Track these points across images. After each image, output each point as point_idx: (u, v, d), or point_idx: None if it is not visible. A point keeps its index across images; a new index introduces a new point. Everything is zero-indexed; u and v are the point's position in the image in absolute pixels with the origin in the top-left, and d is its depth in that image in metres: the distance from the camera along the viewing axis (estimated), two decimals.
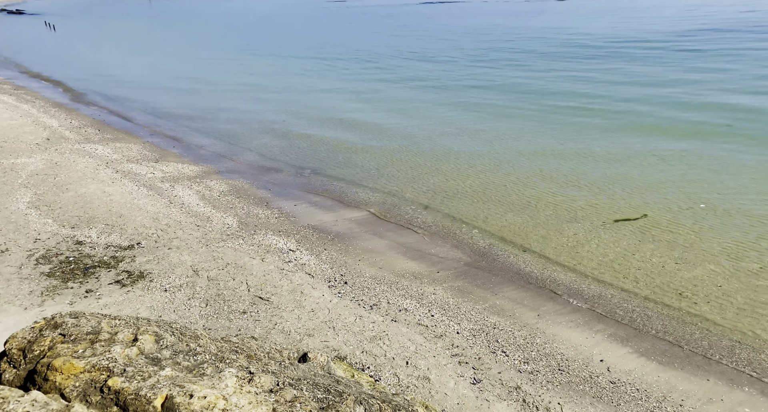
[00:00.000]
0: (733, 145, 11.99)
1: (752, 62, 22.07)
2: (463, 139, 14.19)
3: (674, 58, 24.31)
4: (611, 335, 5.86)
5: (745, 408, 4.58)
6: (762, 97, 16.05)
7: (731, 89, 17.32)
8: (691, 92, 17.43)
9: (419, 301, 6.58)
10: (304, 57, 33.18)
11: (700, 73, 20.52)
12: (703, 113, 14.82)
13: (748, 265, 7.04)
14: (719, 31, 33.59)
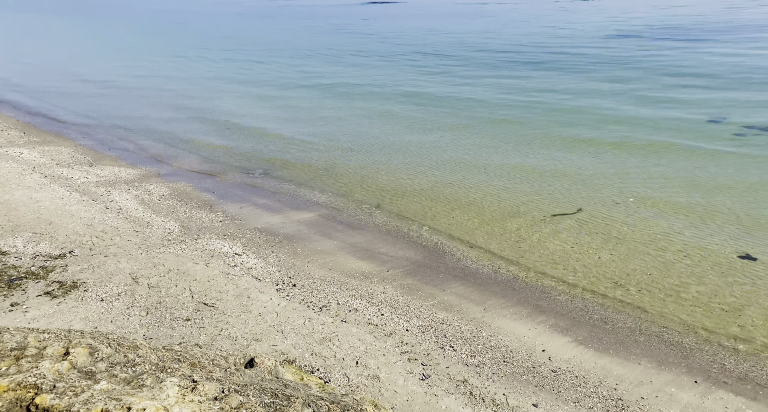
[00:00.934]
0: (662, 138, 12.81)
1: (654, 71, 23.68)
2: (411, 139, 14.36)
3: (598, 61, 25.67)
4: (552, 325, 6.12)
5: (672, 388, 4.91)
6: (663, 106, 17.23)
7: (645, 96, 18.47)
8: (622, 92, 18.46)
9: (369, 300, 6.60)
10: (243, 58, 32.46)
11: (624, 73, 21.78)
12: (630, 114, 15.74)
13: (674, 254, 7.56)
14: (633, 38, 35.79)
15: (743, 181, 9.84)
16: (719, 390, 4.87)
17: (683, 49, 26.87)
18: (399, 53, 32.66)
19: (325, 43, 39.22)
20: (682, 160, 11.32)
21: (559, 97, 18.53)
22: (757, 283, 6.63)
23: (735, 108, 14.77)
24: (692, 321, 6.04)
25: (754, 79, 18.09)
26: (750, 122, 13.33)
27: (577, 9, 59.44)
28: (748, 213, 8.57)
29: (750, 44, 26.73)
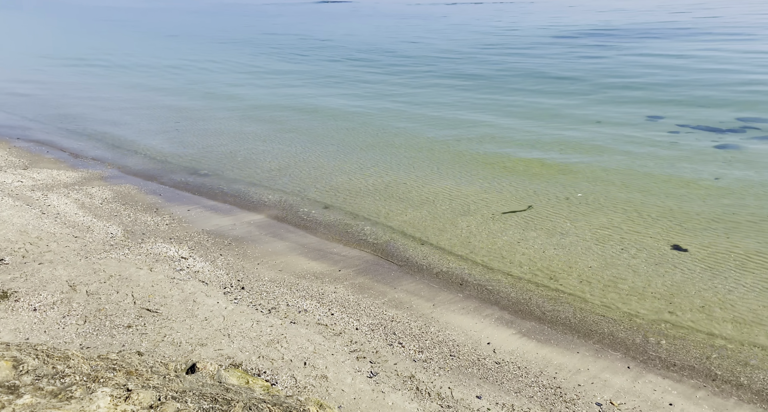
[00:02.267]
0: (606, 136, 13.37)
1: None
2: (366, 140, 14.39)
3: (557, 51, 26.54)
4: (498, 318, 6.30)
5: (606, 374, 5.16)
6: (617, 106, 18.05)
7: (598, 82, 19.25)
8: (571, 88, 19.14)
9: (320, 301, 6.59)
10: (197, 55, 31.64)
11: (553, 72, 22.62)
12: (574, 111, 16.35)
13: (612, 246, 7.93)
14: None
15: (676, 177, 10.42)
16: (649, 374, 5.15)
17: (624, 50, 28.12)
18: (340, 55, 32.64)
19: (274, 40, 38.73)
20: (621, 156, 11.87)
21: (504, 97, 19.03)
22: (686, 272, 7.05)
23: (670, 108, 15.62)
24: (628, 309, 6.36)
25: (686, 82, 19.17)
26: (683, 121, 14.13)
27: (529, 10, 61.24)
28: (680, 206, 9.09)
29: (685, 45, 28.29)
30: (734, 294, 6.46)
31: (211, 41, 39.11)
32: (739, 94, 16.37)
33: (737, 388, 4.93)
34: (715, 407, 4.67)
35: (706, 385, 4.96)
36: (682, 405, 4.68)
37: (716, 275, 6.91)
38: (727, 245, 7.68)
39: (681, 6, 48.78)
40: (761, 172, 10.27)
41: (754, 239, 7.77)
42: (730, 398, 4.78)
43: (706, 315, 6.10)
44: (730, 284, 6.67)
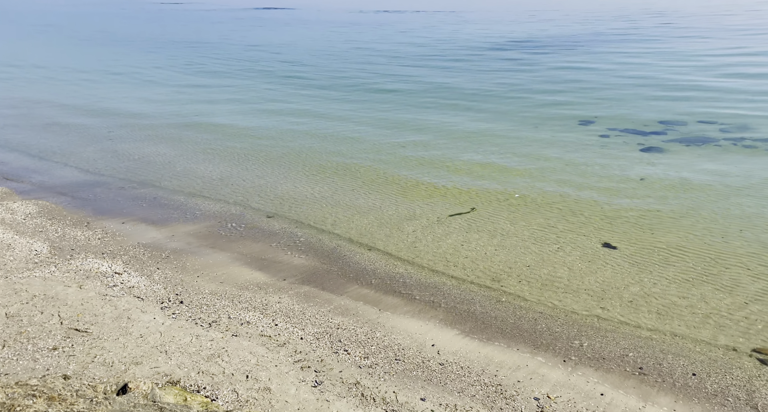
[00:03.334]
0: (541, 141, 13.96)
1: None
2: (313, 147, 14.30)
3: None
4: (442, 320, 6.42)
5: (544, 369, 5.38)
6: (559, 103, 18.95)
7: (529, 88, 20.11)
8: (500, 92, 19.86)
9: (263, 312, 6.46)
10: (129, 63, 30.40)
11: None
12: (514, 114, 16.99)
13: (549, 245, 8.27)
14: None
15: (606, 177, 11.04)
16: (583, 367, 5.41)
17: (560, 56, 29.57)
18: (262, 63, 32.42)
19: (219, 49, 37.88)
20: (557, 158, 12.44)
21: (448, 102, 19.51)
22: (615, 268, 7.47)
23: (600, 113, 16.56)
24: (563, 306, 6.65)
25: (616, 87, 20.40)
26: (612, 125, 15.01)
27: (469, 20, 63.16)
28: (609, 205, 9.63)
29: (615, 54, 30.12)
30: (658, 287, 6.91)
31: (129, 47, 37.63)
32: (661, 99, 17.60)
33: (660, 376, 5.27)
34: (642, 394, 4.96)
35: (634, 374, 5.27)
36: (612, 395, 4.95)
37: (642, 269, 7.37)
38: (652, 240, 8.20)
39: (632, 13, 51.99)
40: (680, 172, 11.06)
41: (675, 234, 8.35)
42: (654, 386, 5.10)
43: (633, 309, 6.49)
44: (655, 278, 7.13)
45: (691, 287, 6.84)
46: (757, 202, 9.39)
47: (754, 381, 5.11)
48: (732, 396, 4.93)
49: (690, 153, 12.27)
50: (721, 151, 12.31)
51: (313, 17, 68.98)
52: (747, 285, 6.79)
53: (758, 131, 13.55)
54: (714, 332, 5.92)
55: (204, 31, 52.15)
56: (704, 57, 25.61)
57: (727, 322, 6.08)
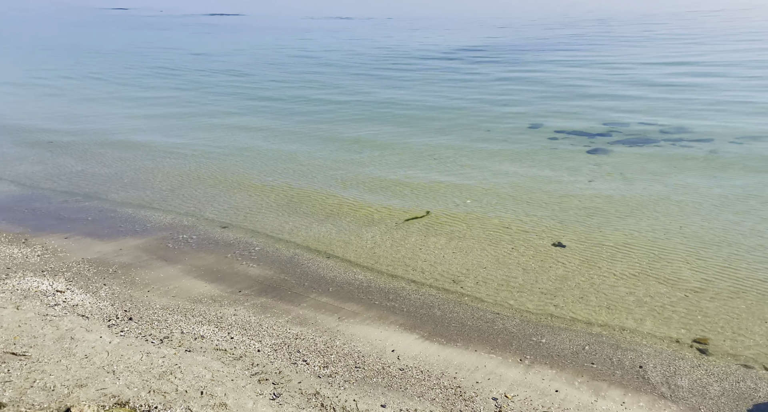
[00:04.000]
0: (493, 144, 14.30)
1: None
2: (266, 155, 14.08)
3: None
4: (402, 325, 6.43)
5: (501, 369, 5.48)
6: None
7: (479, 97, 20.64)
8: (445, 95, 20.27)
9: (218, 325, 6.27)
10: (71, 70, 29.09)
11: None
12: (466, 119, 17.36)
13: (504, 246, 8.47)
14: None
15: (556, 179, 11.43)
16: (538, 365, 5.55)
17: (503, 65, 30.49)
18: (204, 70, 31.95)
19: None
20: (509, 161, 12.78)
21: (399, 111, 19.71)
22: (567, 266, 7.72)
23: (549, 116, 17.16)
24: (518, 306, 6.81)
25: (562, 92, 21.21)
26: (560, 128, 15.59)
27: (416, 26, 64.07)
28: (560, 206, 9.96)
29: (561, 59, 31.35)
30: (606, 283, 7.20)
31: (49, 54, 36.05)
32: (605, 103, 18.44)
33: (611, 370, 5.47)
34: (593, 389, 5.14)
35: (586, 370, 5.45)
36: (565, 391, 5.09)
37: (591, 266, 7.66)
38: (600, 238, 8.54)
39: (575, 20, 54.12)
40: (624, 172, 11.60)
41: (621, 232, 8.73)
42: (605, 380, 5.29)
43: (584, 305, 6.72)
44: (603, 274, 7.42)
45: (637, 282, 7.17)
46: (694, 199, 9.96)
47: (695, 370, 5.40)
48: (675, 386, 5.18)
49: (633, 154, 12.90)
50: (660, 151, 13.00)
51: (263, 24, 68.15)
52: (687, 278, 7.18)
53: (693, 132, 14.41)
54: (658, 324, 6.21)
55: (142, 38, 50.54)
56: (641, 63, 27.04)
57: (670, 314, 6.40)
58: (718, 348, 5.72)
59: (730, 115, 16.04)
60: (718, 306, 6.48)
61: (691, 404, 4.91)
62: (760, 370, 5.34)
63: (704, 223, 8.89)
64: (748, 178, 10.93)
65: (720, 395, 5.01)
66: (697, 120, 15.66)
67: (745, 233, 8.48)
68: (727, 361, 5.51)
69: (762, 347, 5.68)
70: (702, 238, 8.37)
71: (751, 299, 6.59)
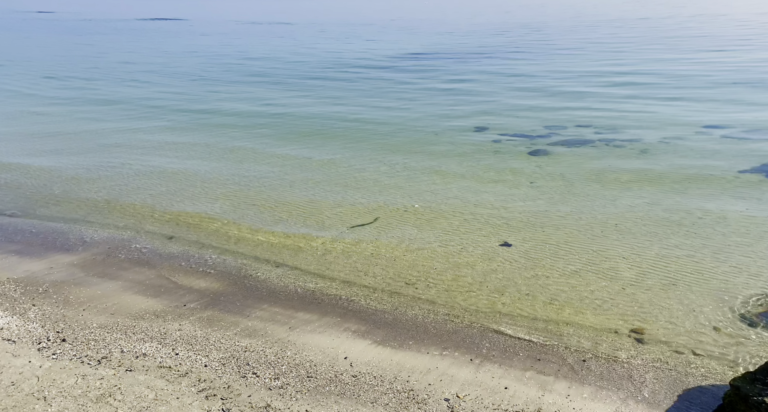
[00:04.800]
0: (439, 148, 14.55)
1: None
2: (209, 161, 13.67)
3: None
4: (355, 331, 6.40)
5: (453, 369, 5.56)
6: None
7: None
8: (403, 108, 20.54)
9: (161, 341, 5.99)
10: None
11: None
12: (415, 122, 17.60)
13: (453, 247, 8.62)
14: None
15: (501, 180, 11.78)
16: (488, 363, 5.67)
17: (443, 69, 31.24)
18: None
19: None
20: (456, 163, 13.05)
21: (349, 109, 19.75)
22: (513, 265, 7.96)
23: (493, 120, 17.70)
24: (468, 305, 6.94)
25: (505, 97, 21.95)
26: (503, 131, 16.11)
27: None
28: (505, 206, 10.27)
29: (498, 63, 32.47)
30: (550, 280, 7.47)
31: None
32: (544, 106, 19.24)
33: (556, 364, 5.68)
34: (540, 384, 5.31)
35: (533, 365, 5.63)
36: (515, 387, 5.23)
37: (536, 265, 7.93)
38: (543, 237, 8.87)
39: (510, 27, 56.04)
40: (564, 172, 12.13)
41: (562, 231, 9.10)
42: (550, 374, 5.48)
43: (530, 302, 6.95)
44: (547, 271, 7.71)
45: (578, 278, 7.49)
46: (627, 195, 10.54)
47: (633, 359, 5.70)
48: (615, 375, 5.44)
49: (571, 154, 13.51)
50: (596, 151, 13.69)
51: (201, 29, 66.34)
52: (623, 272, 7.58)
53: (625, 133, 15.29)
54: (599, 317, 6.52)
55: (62, 44, 47.97)
56: (576, 69, 28.45)
57: (609, 306, 6.73)
58: (652, 337, 6.06)
59: (657, 117, 17.14)
60: (652, 297, 6.89)
61: (630, 391, 5.17)
62: (690, 355, 5.71)
63: (637, 219, 9.43)
64: (676, 172, 11.69)
65: (656, 381, 5.31)
66: (628, 122, 16.62)
67: (673, 227, 9.06)
68: (661, 348, 5.85)
69: (691, 334, 6.08)
70: (635, 233, 8.87)
71: (680, 289, 7.05)
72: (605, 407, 4.93)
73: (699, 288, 7.03)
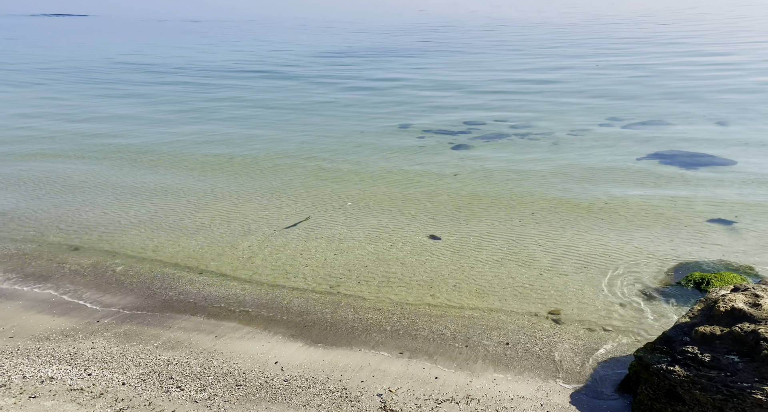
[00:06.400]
0: (367, 146, 14.61)
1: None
2: (122, 166, 12.79)
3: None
4: (284, 335, 6.27)
5: (385, 364, 5.62)
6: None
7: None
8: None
9: (71, 362, 5.53)
10: None
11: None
12: (341, 120, 17.55)
13: (383, 244, 8.70)
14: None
15: (426, 176, 12.06)
16: (419, 355, 5.79)
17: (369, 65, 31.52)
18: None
19: None
20: (383, 161, 13.18)
21: (270, 112, 19.33)
22: (440, 258, 8.18)
23: (416, 117, 18.07)
24: (398, 300, 7.04)
25: (428, 94, 22.49)
26: (426, 127, 16.50)
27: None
28: (431, 201, 10.52)
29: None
30: (475, 270, 7.77)
31: None
32: (464, 103, 19.95)
33: (483, 349, 5.91)
34: (468, 371, 5.50)
35: (461, 353, 5.82)
36: (444, 376, 5.39)
37: (462, 256, 8.21)
38: (467, 229, 9.20)
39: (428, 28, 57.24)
40: (484, 165, 12.64)
41: (484, 222, 9.48)
42: (477, 360, 5.70)
43: (457, 292, 7.18)
44: (472, 262, 8.00)
45: (500, 266, 7.85)
46: (541, 186, 11.20)
47: (551, 339, 6.07)
48: (535, 355, 5.77)
49: (490, 148, 14.10)
50: (512, 144, 14.41)
51: (104, 26, 61.79)
52: (540, 259, 8.04)
53: (537, 127, 16.21)
54: (520, 302, 6.87)
55: None
56: (491, 68, 29.76)
57: (528, 292, 7.12)
58: (568, 317, 6.49)
59: (565, 112, 18.34)
60: (567, 281, 7.37)
61: (550, 369, 5.50)
62: (601, 331, 6.18)
63: (551, 207, 10.04)
64: (584, 162, 12.58)
65: (572, 358, 5.69)
66: (539, 117, 17.64)
67: (583, 213, 9.74)
68: (575, 327, 6.28)
69: (601, 312, 6.58)
70: (550, 222, 9.44)
71: (591, 271, 7.60)
72: (528, 386, 5.21)
73: (607, 269, 7.62)
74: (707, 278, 7.00)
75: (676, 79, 23.92)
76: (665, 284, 7.16)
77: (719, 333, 4.47)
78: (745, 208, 9.67)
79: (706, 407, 4.10)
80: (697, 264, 7.64)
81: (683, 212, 9.61)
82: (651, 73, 25.56)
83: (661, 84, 22.79)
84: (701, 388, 4.12)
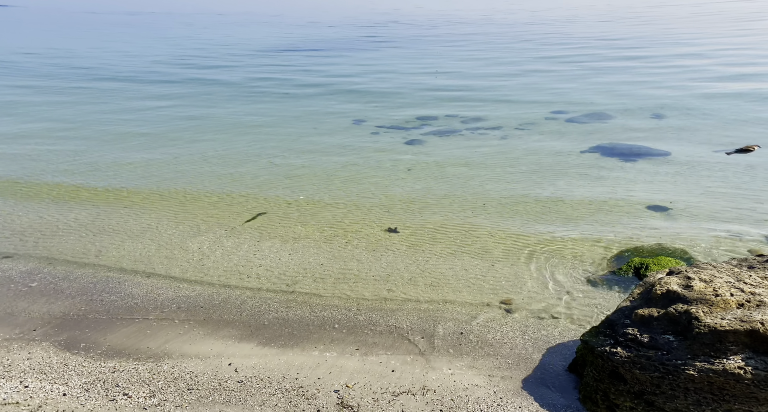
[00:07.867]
0: (321, 141, 14.47)
1: None
2: (68, 168, 12.07)
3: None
4: (238, 336, 6.13)
5: (341, 360, 5.60)
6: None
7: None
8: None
9: (4, 375, 5.18)
10: None
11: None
12: (294, 117, 17.30)
13: (338, 240, 8.66)
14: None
15: (381, 170, 12.09)
16: (375, 350, 5.81)
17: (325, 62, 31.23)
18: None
19: None
20: (337, 157, 13.10)
21: (212, 110, 18.83)
22: (396, 252, 8.23)
23: (370, 112, 18.07)
24: (355, 296, 7.03)
25: (380, 89, 22.52)
26: (380, 123, 16.54)
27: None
28: (386, 195, 10.56)
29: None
30: (430, 263, 7.87)
31: None
32: (416, 97, 20.11)
33: (438, 340, 6.01)
34: (424, 362, 5.57)
35: (416, 345, 5.89)
36: (401, 369, 5.44)
37: (417, 250, 8.29)
38: (422, 222, 9.30)
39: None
40: (437, 160, 12.81)
41: (438, 215, 9.62)
42: (432, 352, 5.79)
43: (413, 285, 7.25)
44: (426, 255, 8.10)
45: (454, 258, 7.98)
46: (491, 177, 11.47)
47: (503, 328, 6.24)
48: (489, 344, 5.92)
49: (442, 143, 14.30)
50: (463, 139, 14.67)
51: (21, 17, 58.05)
52: (492, 250, 8.25)
53: (487, 121, 16.58)
54: (473, 293, 7.02)
55: None
56: (439, 63, 30.16)
57: (481, 283, 7.28)
58: (519, 306, 6.70)
59: (513, 105, 18.85)
60: (517, 271, 7.59)
61: (503, 356, 5.66)
62: (549, 318, 6.42)
63: (502, 199, 10.31)
64: (531, 154, 12.98)
65: (523, 345, 5.88)
66: (489, 111, 18.04)
67: (531, 204, 10.06)
68: (526, 315, 6.49)
69: (549, 300, 6.82)
70: (501, 212, 9.69)
71: (540, 261, 7.86)
72: (481, 374, 5.34)
73: (554, 258, 7.91)
74: (646, 263, 7.40)
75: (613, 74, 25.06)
76: (608, 271, 7.52)
77: (656, 315, 4.73)
78: (677, 194, 10.28)
79: (645, 385, 4.34)
80: (636, 250, 8.06)
81: (624, 200, 10.11)
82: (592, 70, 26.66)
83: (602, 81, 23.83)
84: (641, 367, 4.36)
